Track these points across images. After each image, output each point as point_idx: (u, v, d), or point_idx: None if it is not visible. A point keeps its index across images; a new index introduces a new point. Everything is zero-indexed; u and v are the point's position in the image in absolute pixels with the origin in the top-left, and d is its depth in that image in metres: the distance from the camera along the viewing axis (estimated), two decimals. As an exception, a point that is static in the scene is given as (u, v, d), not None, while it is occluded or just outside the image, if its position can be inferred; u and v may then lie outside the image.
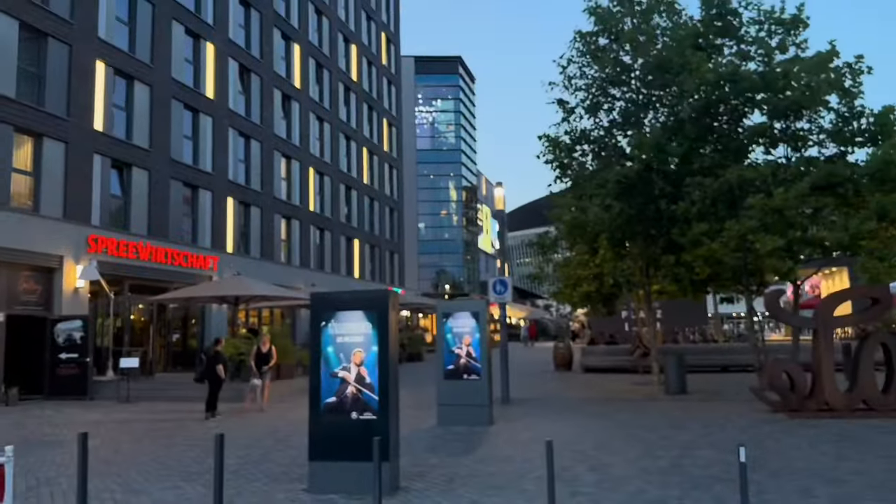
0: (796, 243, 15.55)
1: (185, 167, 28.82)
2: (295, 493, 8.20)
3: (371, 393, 8.19)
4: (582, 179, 20.11)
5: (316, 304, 8.49)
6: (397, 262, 55.20)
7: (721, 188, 16.83)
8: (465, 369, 13.66)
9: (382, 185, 52.27)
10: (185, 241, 28.61)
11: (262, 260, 33.63)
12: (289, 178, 37.77)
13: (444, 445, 11.34)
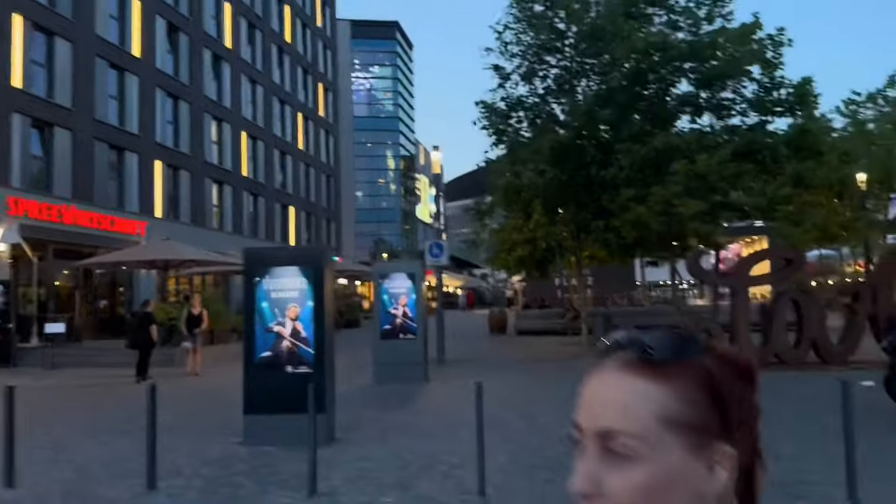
0: (717, 208, 16.30)
1: (110, 128, 27.74)
2: (230, 445, 8.28)
3: (307, 347, 8.30)
4: (517, 146, 20.44)
5: (250, 259, 8.50)
6: (334, 229, 54.75)
7: (648, 154, 17.44)
8: (402, 329, 13.88)
9: (318, 152, 51.50)
10: (112, 205, 27.65)
11: (192, 226, 32.84)
12: (220, 141, 36.81)
13: (381, 401, 11.57)
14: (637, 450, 0.69)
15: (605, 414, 0.71)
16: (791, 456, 7.04)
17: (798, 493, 5.78)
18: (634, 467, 0.69)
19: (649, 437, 0.70)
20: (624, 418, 0.70)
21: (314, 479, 6.25)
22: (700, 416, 0.71)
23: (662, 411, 0.70)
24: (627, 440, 0.69)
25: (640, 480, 0.69)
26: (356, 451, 7.85)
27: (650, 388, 0.70)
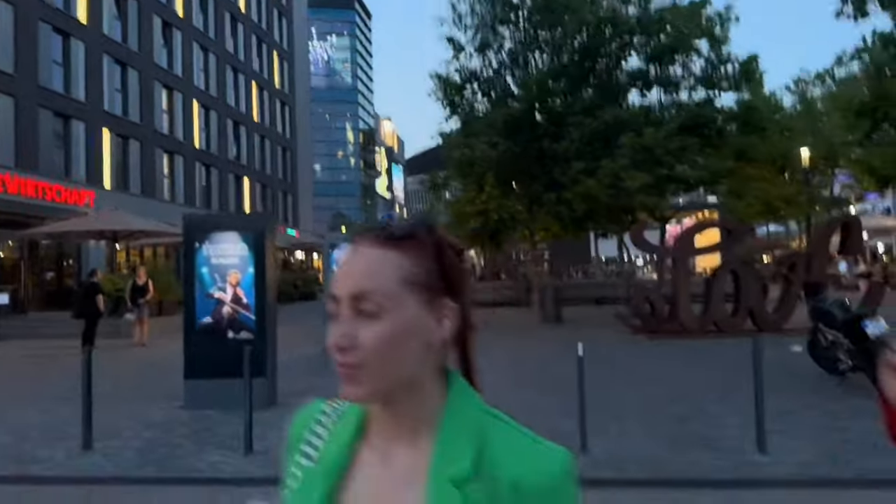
0: (663, 180, 16.69)
1: (55, 95, 26.91)
2: (171, 410, 8.33)
3: (248, 313, 8.35)
4: (471, 119, 20.55)
5: (190, 225, 8.48)
6: (290, 202, 54.22)
7: (598, 128, 17.72)
8: (350, 298, 13.97)
9: (274, 123, 50.75)
10: (58, 174, 26.94)
11: (142, 197, 32.21)
12: (171, 111, 36.00)
13: (327, 369, 11.63)
14: (382, 306, 0.85)
15: (357, 279, 0.86)
16: (715, 414, 7.40)
17: (715, 446, 6.11)
18: (380, 322, 0.85)
19: (392, 295, 0.86)
20: (372, 281, 0.86)
21: (250, 439, 6.37)
22: (431, 278, 0.89)
23: (402, 274, 0.87)
24: (375, 298, 0.85)
25: (385, 332, 0.84)
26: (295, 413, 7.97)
27: (391, 256, 0.87)
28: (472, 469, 0.85)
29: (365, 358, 0.85)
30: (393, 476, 0.89)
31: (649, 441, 6.39)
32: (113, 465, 5.97)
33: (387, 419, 0.91)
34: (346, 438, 0.94)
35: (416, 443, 0.89)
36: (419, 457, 0.88)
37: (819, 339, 9.06)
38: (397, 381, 0.87)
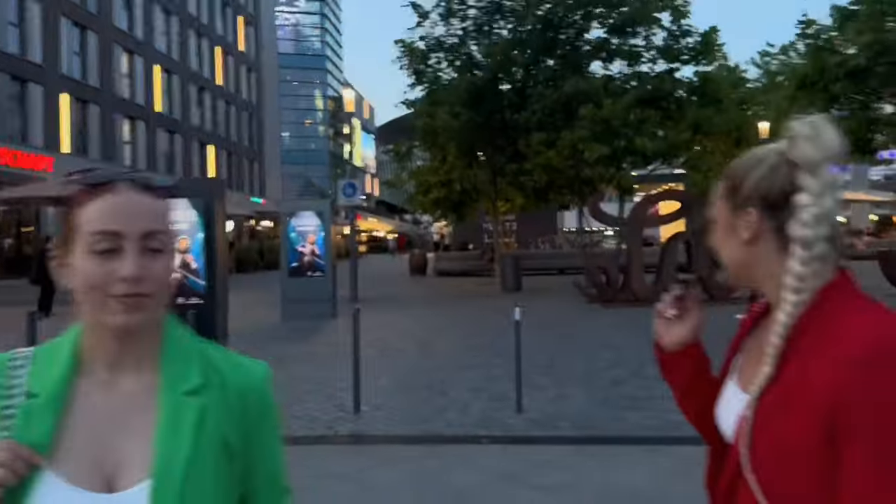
0: (621, 152, 16.91)
1: (10, 57, 26.18)
2: (122, 375, 8.41)
3: (197, 279, 8.41)
4: (436, 87, 20.50)
5: (139, 191, 8.47)
6: (257, 170, 53.64)
7: (559, 99, 17.84)
8: (310, 266, 14.05)
9: (239, 89, 49.92)
10: (14, 139, 26.33)
11: (103, 162, 31.56)
12: (132, 75, 35.23)
13: (285, 335, 11.82)
14: (166, 243, 1.01)
15: (147, 221, 1.00)
16: (650, 376, 7.70)
17: (645, 406, 6.39)
18: (165, 256, 1.01)
19: (171, 234, 1.06)
20: (159, 223, 1.01)
21: (196, 401, 6.49)
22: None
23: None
24: (162, 237, 1.01)
25: (170, 264, 1.04)
26: (247, 377, 8.12)
27: (162, 203, 1.05)
28: (203, 382, 1.02)
29: (155, 288, 0.98)
30: (121, 401, 1.00)
31: (584, 401, 6.66)
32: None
33: (113, 351, 1.00)
34: (62, 373, 1.00)
35: (141, 371, 1.01)
36: (146, 382, 1.01)
37: (756, 307, 9.41)
38: (163, 312, 1.02)
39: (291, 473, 1.01)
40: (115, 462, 0.97)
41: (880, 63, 16.34)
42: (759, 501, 1.05)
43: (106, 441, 0.98)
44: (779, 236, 1.11)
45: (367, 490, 4.51)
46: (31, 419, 0.97)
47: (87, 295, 0.97)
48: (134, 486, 0.96)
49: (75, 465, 0.96)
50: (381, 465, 4.99)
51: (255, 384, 1.07)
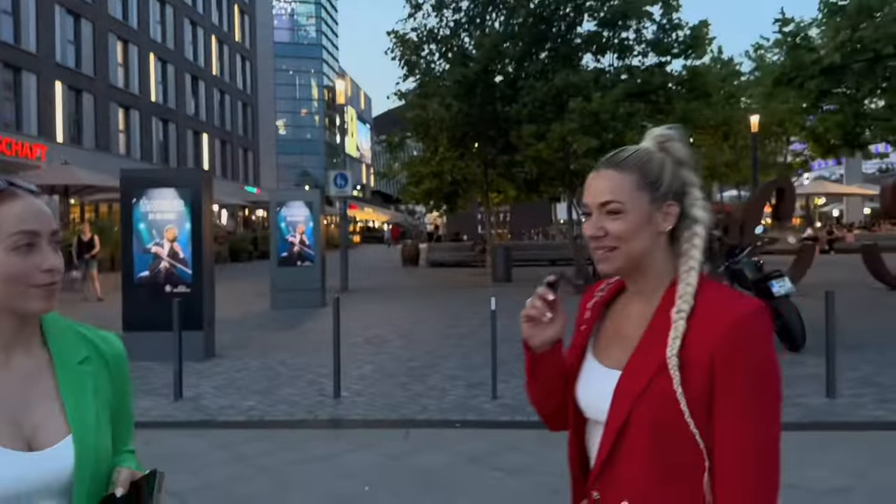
0: (609, 145, 17.00)
1: (4, 46, 26.18)
2: (111, 361, 8.57)
3: (185, 267, 8.57)
4: (428, 79, 20.59)
5: (125, 181, 8.62)
6: (252, 160, 53.65)
7: (550, 92, 17.93)
8: (299, 256, 14.21)
9: (234, 78, 49.86)
10: (8, 127, 26.38)
11: (97, 151, 31.69)
12: (126, 64, 35.22)
13: (271, 323, 11.99)
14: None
15: (53, 220, 1.19)
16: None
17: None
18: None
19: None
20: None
21: (180, 386, 6.68)
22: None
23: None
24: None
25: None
26: (233, 364, 8.30)
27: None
28: (87, 354, 1.25)
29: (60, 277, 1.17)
30: (20, 375, 1.18)
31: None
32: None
33: (8, 335, 1.17)
34: None
35: (31, 350, 1.20)
36: (38, 358, 1.20)
37: (733, 298, 9.61)
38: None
39: (272, 456, 1.12)
40: (31, 426, 1.15)
41: (856, 61, 16.52)
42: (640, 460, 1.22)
43: (17, 411, 1.15)
44: (676, 227, 1.30)
45: (340, 472, 4.69)
46: None
47: (9, 286, 1.12)
48: (59, 442, 1.15)
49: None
50: (357, 449, 5.17)
51: (119, 352, 1.33)
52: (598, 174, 1.33)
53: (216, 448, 5.22)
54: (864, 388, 6.68)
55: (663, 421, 1.21)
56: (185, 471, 4.71)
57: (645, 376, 1.23)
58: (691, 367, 1.20)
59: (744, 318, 1.22)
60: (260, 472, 4.67)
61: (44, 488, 1.14)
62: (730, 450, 1.20)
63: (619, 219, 1.27)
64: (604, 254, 1.29)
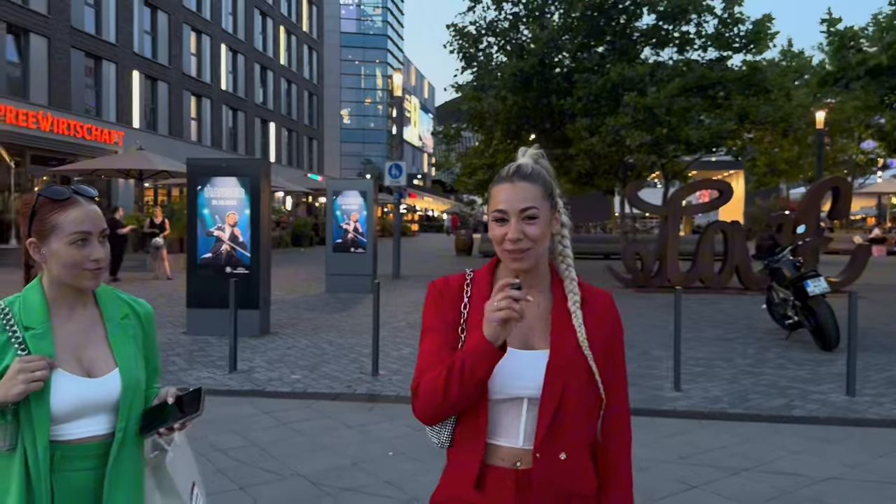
0: (663, 139, 17.02)
1: (86, 36, 27.75)
2: (175, 334, 9.34)
3: (244, 251, 9.22)
4: (485, 71, 20.91)
5: (192, 169, 9.31)
6: (316, 148, 54.99)
7: (605, 85, 18.02)
8: (353, 243, 14.83)
9: (301, 68, 51.16)
10: (89, 113, 28.00)
11: (170, 137, 33.22)
12: (199, 53, 36.69)
13: (325, 306, 12.64)
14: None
15: (102, 222, 1.66)
16: (656, 357, 8.15)
17: (640, 383, 6.86)
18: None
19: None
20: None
21: (234, 359, 7.30)
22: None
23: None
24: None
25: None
26: (285, 342, 8.92)
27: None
28: (127, 312, 1.75)
29: (106, 263, 1.65)
30: (81, 326, 1.66)
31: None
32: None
33: (71, 299, 1.65)
34: (43, 313, 1.61)
35: (87, 307, 1.69)
36: (93, 313, 1.70)
37: (772, 296, 9.68)
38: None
39: (310, 422, 1.45)
40: (89, 360, 1.64)
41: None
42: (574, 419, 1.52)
43: (80, 350, 1.64)
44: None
45: (369, 438, 5.18)
46: (38, 342, 1.58)
47: (68, 269, 1.59)
48: (110, 373, 1.65)
49: (68, 365, 1.61)
50: (386, 420, 5.65)
51: (149, 312, 1.82)
52: (513, 185, 1.53)
53: (262, 414, 5.79)
54: (888, 388, 6.77)
55: (585, 387, 1.55)
56: (232, 431, 5.29)
57: (568, 356, 1.53)
58: (595, 343, 1.57)
59: (611, 297, 1.70)
60: (297, 435, 5.21)
61: (98, 405, 1.63)
62: (620, 391, 1.64)
63: (535, 224, 1.51)
64: (521, 254, 1.52)
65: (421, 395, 1.53)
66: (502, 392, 1.51)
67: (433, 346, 1.58)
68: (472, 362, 1.43)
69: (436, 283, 1.68)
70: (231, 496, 4.10)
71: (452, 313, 1.60)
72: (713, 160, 34.84)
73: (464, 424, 1.57)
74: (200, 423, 5.39)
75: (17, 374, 1.49)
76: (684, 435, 5.35)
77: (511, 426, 1.53)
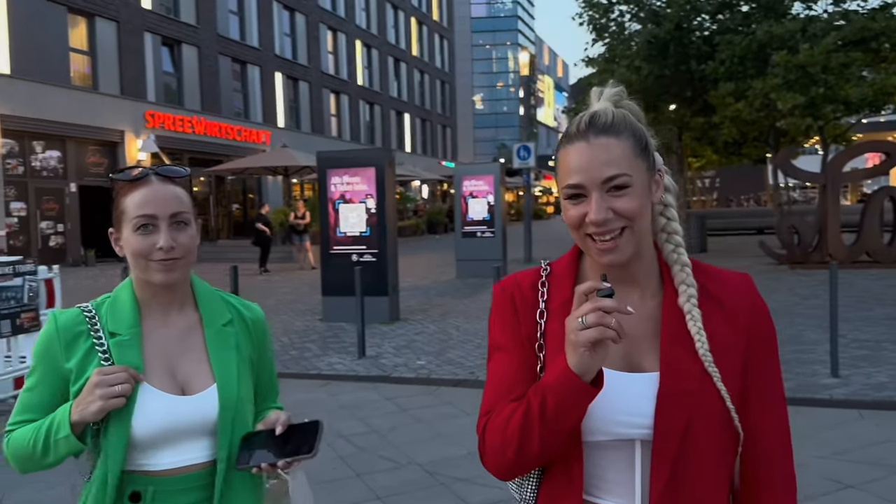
0: (819, 100, 15.43)
1: (232, 42, 29.60)
2: (312, 321, 9.69)
3: (371, 239, 9.36)
4: (616, 42, 20.03)
5: (321, 162, 9.57)
6: (449, 136, 55.56)
7: (750, 46, 16.65)
8: (480, 228, 14.73)
9: (433, 58, 51.77)
10: (238, 116, 29.89)
11: (312, 134, 34.80)
12: (335, 51, 38.08)
13: (454, 291, 12.64)
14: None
15: (173, 205, 1.35)
16: (811, 340, 7.37)
17: (794, 369, 6.20)
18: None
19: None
20: (182, 205, 1.35)
21: (363, 345, 7.41)
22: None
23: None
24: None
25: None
26: (413, 327, 8.98)
27: (182, 190, 1.35)
28: (231, 318, 1.47)
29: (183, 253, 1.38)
30: (177, 334, 1.41)
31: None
32: (253, 361, 7.27)
33: (164, 300, 1.40)
34: (132, 317, 1.38)
35: (184, 312, 1.43)
36: (190, 319, 1.43)
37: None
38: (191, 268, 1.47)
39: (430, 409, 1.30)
40: (184, 374, 1.38)
41: None
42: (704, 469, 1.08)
43: (173, 361, 1.38)
44: None
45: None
46: (123, 350, 1.34)
47: (136, 260, 1.35)
48: (206, 389, 1.38)
49: (158, 379, 1.35)
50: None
51: (259, 317, 1.53)
52: (588, 145, 1.08)
53: (385, 400, 5.81)
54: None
55: (716, 419, 1.09)
56: (355, 418, 5.34)
57: (687, 377, 1.08)
58: (725, 353, 1.11)
59: (751, 283, 1.19)
60: (416, 423, 5.16)
61: (193, 427, 1.36)
62: (772, 419, 1.15)
63: (627, 195, 1.07)
64: (611, 241, 1.07)
65: (488, 445, 1.13)
66: (603, 432, 1.09)
67: (503, 371, 1.17)
68: (556, 403, 1.03)
69: (503, 284, 1.26)
70: (347, 483, 4.10)
71: (526, 326, 1.18)
72: (882, 121, 31.38)
73: (551, 476, 1.15)
74: (328, 409, 5.41)
75: (94, 389, 1.26)
76: (840, 427, 4.75)
77: (621, 479, 1.11)
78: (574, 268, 1.21)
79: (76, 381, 1.33)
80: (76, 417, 1.28)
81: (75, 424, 1.28)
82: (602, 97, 1.15)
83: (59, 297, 6.11)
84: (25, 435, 1.34)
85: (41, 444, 1.31)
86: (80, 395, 1.29)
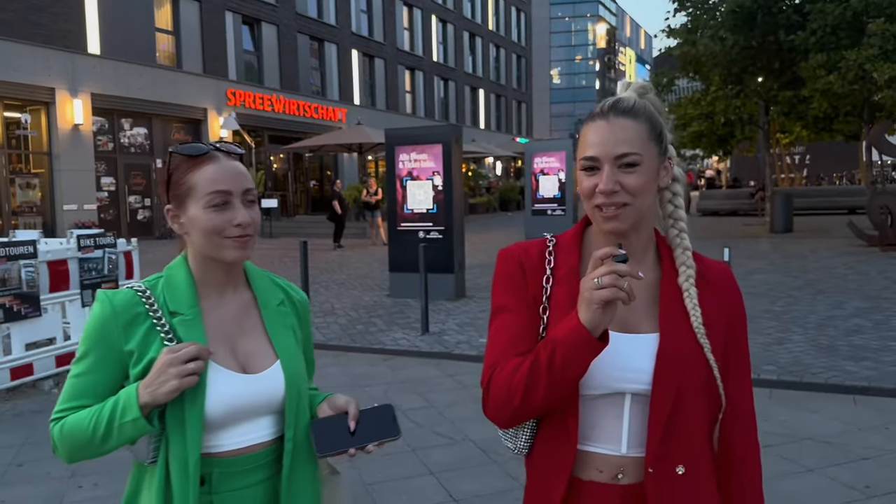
0: (920, 71, 14.36)
1: (310, 20, 30.02)
2: (380, 297, 9.83)
3: (437, 216, 9.38)
4: (700, 11, 19.19)
5: (389, 139, 9.62)
6: (525, 111, 54.84)
7: (844, 14, 15.67)
8: (551, 205, 14.53)
9: (509, 32, 51.03)
10: (316, 94, 30.40)
11: (387, 111, 35.04)
12: (411, 27, 38.06)
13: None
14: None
15: (245, 180, 1.33)
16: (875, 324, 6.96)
17: (871, 357, 5.87)
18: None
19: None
20: (250, 182, 1.33)
21: (426, 322, 7.47)
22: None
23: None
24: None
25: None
26: (477, 305, 8.97)
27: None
28: (283, 298, 1.47)
29: (253, 230, 1.36)
30: (233, 313, 1.39)
31: (803, 349, 6.31)
32: (320, 335, 7.44)
33: (221, 279, 1.38)
34: (191, 296, 1.35)
35: (238, 292, 1.41)
36: (245, 297, 1.42)
37: None
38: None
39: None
40: (244, 353, 1.36)
41: None
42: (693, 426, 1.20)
43: (232, 340, 1.36)
44: None
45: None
46: (187, 329, 1.31)
47: (208, 238, 1.31)
48: (270, 367, 1.37)
49: (222, 358, 1.33)
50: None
51: (305, 300, 1.54)
52: (608, 123, 1.19)
53: (445, 376, 5.85)
54: None
55: (704, 384, 1.22)
56: (416, 393, 5.40)
57: (682, 343, 1.21)
58: (713, 329, 1.24)
59: (730, 272, 1.35)
60: (473, 400, 5.16)
61: (259, 406, 1.34)
62: (745, 390, 1.31)
63: (635, 172, 1.18)
64: (614, 211, 1.18)
65: (493, 394, 1.23)
66: (601, 386, 1.20)
67: (507, 329, 1.27)
68: (565, 354, 1.12)
69: (511, 249, 1.35)
70: (402, 458, 4.15)
71: (533, 288, 1.27)
72: None
73: (547, 426, 1.26)
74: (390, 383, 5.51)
75: (167, 368, 1.22)
76: (926, 422, 4.46)
77: (610, 428, 1.22)
78: (579, 240, 1.32)
79: (137, 364, 1.29)
80: (146, 399, 1.23)
81: (144, 406, 1.23)
82: (629, 88, 1.29)
83: (137, 268, 6.40)
84: (82, 421, 1.28)
85: (102, 429, 1.26)
86: (149, 376, 1.24)
